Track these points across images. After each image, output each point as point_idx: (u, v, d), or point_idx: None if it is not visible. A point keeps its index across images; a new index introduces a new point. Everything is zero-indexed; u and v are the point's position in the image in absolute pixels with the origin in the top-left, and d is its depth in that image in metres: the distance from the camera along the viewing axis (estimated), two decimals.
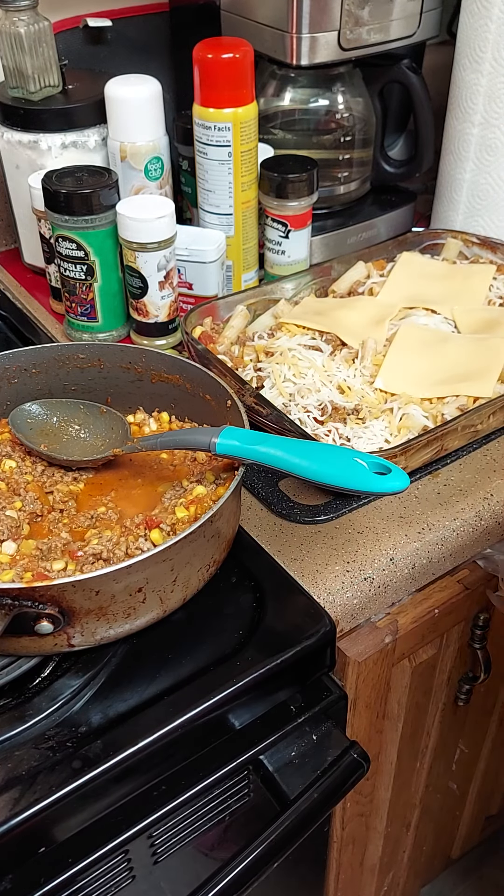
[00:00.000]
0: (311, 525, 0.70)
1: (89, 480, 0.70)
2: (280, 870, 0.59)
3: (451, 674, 0.87)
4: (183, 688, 0.57)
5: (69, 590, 0.52)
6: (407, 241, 0.97)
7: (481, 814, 1.23)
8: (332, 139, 0.99)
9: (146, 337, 0.87)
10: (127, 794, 0.55)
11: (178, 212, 0.89)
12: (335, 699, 0.64)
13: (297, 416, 0.74)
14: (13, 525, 0.64)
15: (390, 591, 0.69)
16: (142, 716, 0.55)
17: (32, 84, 0.90)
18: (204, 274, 0.88)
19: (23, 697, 0.56)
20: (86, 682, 0.57)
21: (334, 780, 0.60)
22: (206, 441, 0.63)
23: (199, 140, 0.87)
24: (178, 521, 0.63)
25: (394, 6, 0.89)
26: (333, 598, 0.65)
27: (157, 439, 0.67)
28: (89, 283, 0.84)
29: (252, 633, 0.60)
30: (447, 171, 0.99)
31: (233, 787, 0.61)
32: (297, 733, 0.62)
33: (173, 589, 0.58)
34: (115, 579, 0.54)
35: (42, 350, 0.74)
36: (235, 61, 0.82)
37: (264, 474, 0.73)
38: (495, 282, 0.91)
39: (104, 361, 0.75)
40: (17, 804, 0.50)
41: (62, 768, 0.52)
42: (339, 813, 0.86)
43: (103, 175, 0.82)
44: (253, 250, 0.94)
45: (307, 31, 0.85)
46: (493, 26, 0.87)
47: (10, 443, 0.72)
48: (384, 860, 1.04)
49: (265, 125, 0.97)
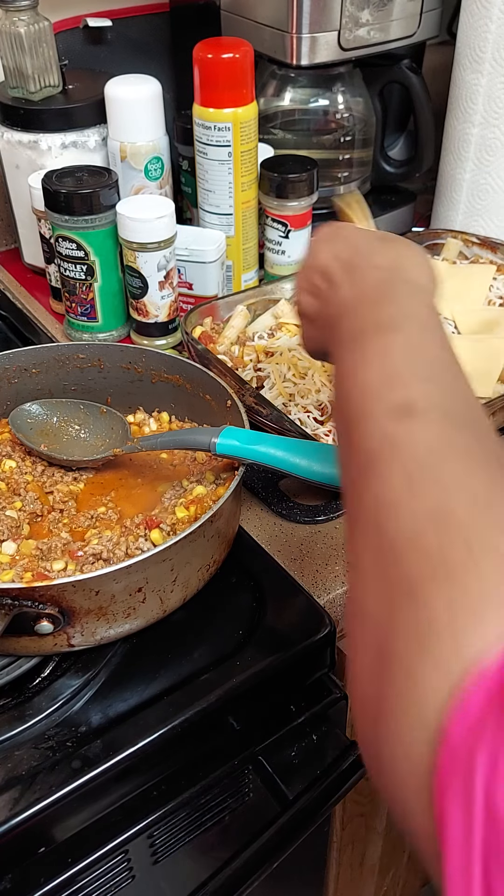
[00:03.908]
0: (311, 525, 0.70)
1: (89, 480, 0.70)
2: (280, 870, 0.59)
3: None
4: (183, 688, 0.57)
5: (69, 590, 0.52)
6: None
7: None
8: (332, 139, 0.99)
9: (146, 337, 0.87)
10: (127, 794, 0.55)
11: (178, 212, 0.89)
12: (335, 699, 0.63)
13: (297, 416, 0.74)
14: (13, 525, 0.64)
15: None
16: (142, 716, 0.55)
17: (32, 84, 0.90)
18: (204, 274, 0.88)
19: (23, 697, 0.56)
20: (86, 682, 0.57)
21: (334, 780, 0.60)
22: (206, 441, 0.63)
23: (199, 140, 0.87)
24: (178, 521, 0.63)
25: (394, 6, 0.89)
26: (333, 598, 0.65)
27: (157, 439, 0.67)
28: (89, 283, 0.84)
29: (252, 633, 0.60)
30: (447, 171, 0.98)
31: (233, 787, 0.61)
32: (298, 733, 0.62)
33: (173, 589, 0.58)
34: (115, 579, 0.54)
35: (42, 350, 0.74)
36: (235, 61, 0.82)
37: (264, 474, 0.73)
38: (495, 282, 0.91)
39: (104, 361, 0.75)
40: (17, 804, 0.50)
41: (62, 768, 0.52)
42: (339, 813, 0.86)
43: (103, 175, 0.82)
44: (253, 250, 0.94)
45: (307, 31, 0.85)
46: (493, 26, 0.87)
47: (10, 443, 0.72)
48: (384, 860, 1.03)
49: (265, 125, 0.97)
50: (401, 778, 0.29)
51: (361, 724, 0.33)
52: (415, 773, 0.28)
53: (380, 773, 0.31)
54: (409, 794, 0.29)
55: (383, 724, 0.30)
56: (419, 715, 0.29)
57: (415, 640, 0.30)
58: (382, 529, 0.34)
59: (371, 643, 0.33)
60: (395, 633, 0.31)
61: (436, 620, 0.29)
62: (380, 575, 0.33)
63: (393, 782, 0.30)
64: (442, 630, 0.29)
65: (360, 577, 0.35)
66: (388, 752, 0.30)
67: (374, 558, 0.34)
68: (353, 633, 0.35)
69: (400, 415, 0.38)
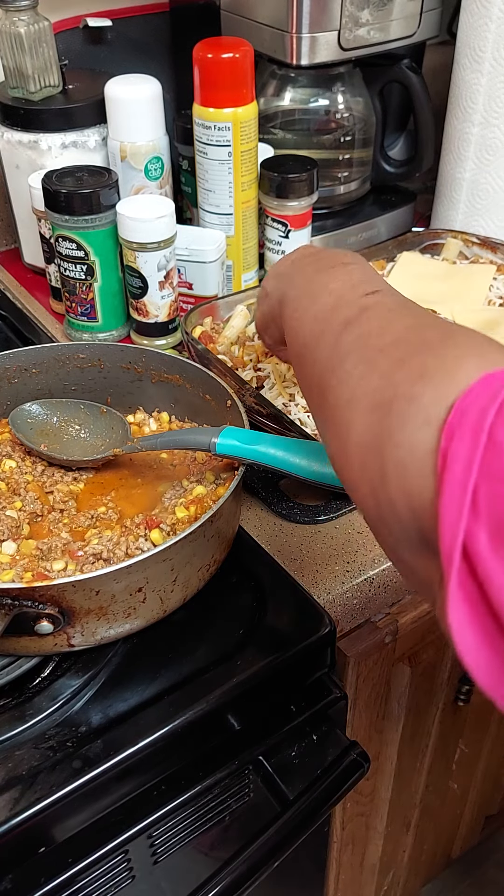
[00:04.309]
0: (311, 525, 0.70)
1: (89, 480, 0.70)
2: (280, 870, 0.59)
3: (451, 673, 0.87)
4: (183, 688, 0.57)
5: (69, 590, 0.52)
6: (407, 241, 0.97)
7: (481, 814, 1.23)
8: (332, 139, 0.99)
9: (146, 337, 0.87)
10: (127, 794, 0.55)
11: (178, 212, 0.89)
12: (335, 699, 0.64)
13: (297, 416, 0.74)
14: (13, 525, 0.64)
15: (390, 591, 0.69)
16: (142, 716, 0.55)
17: (32, 84, 0.90)
18: (204, 274, 0.88)
19: (23, 697, 0.56)
20: (86, 682, 0.57)
21: (334, 780, 0.60)
22: (206, 441, 0.63)
23: (199, 140, 0.87)
24: (178, 521, 0.63)
25: (394, 6, 0.89)
26: (333, 598, 0.65)
27: (157, 439, 0.67)
28: (89, 283, 0.84)
29: (252, 633, 0.60)
30: (447, 170, 0.98)
31: (233, 787, 0.61)
32: (298, 733, 0.62)
33: (173, 589, 0.58)
34: (115, 579, 0.54)
35: (42, 350, 0.74)
36: (235, 61, 0.82)
37: (264, 474, 0.73)
38: (495, 282, 0.91)
39: (104, 361, 0.75)
40: (17, 804, 0.50)
41: (62, 768, 0.52)
42: (339, 813, 0.86)
43: (103, 175, 0.82)
44: (253, 250, 0.94)
45: (307, 30, 0.85)
46: (493, 26, 0.87)
47: (10, 443, 0.72)
48: (384, 860, 1.04)
49: (265, 125, 0.97)
50: (406, 468, 0.36)
51: (358, 466, 0.40)
52: (420, 450, 0.35)
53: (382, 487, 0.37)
54: (415, 480, 0.35)
55: (387, 442, 0.37)
56: (425, 417, 0.35)
57: (415, 379, 0.37)
58: (369, 346, 0.42)
59: (364, 408, 0.40)
60: (394, 385, 0.38)
61: (429, 366, 0.37)
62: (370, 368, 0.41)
63: (400, 481, 0.36)
64: (434, 371, 0.37)
65: (348, 376, 0.42)
66: (394, 458, 0.37)
67: (364, 362, 0.42)
68: (337, 413, 0.42)
69: (363, 298, 0.47)
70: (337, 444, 0.43)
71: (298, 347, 0.51)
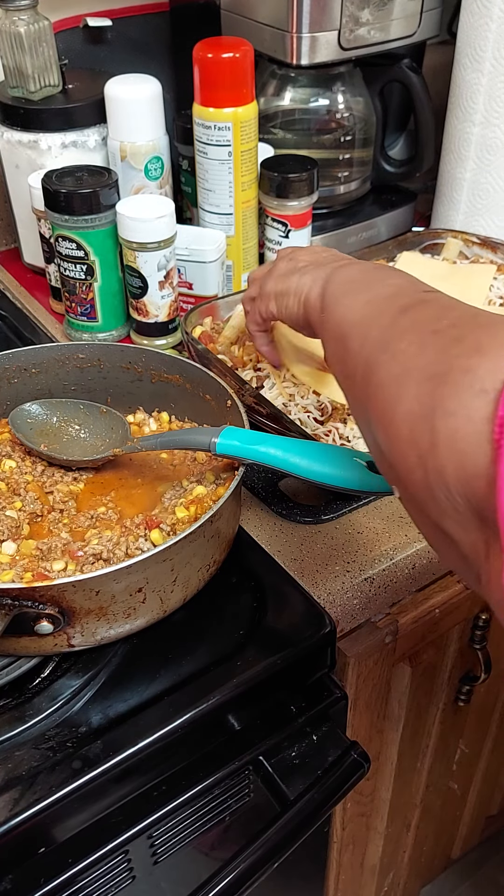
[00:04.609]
0: (311, 525, 0.70)
1: (89, 480, 0.70)
2: (280, 870, 0.59)
3: (451, 674, 0.87)
4: (183, 688, 0.57)
5: (69, 590, 0.52)
6: (407, 240, 0.97)
7: (481, 814, 1.23)
8: (332, 139, 0.99)
9: (146, 337, 0.87)
10: (127, 795, 0.55)
11: (178, 211, 0.89)
12: (335, 699, 0.64)
13: (297, 416, 0.74)
14: (13, 525, 0.64)
15: (390, 591, 0.69)
16: (142, 716, 0.55)
17: (32, 84, 0.90)
18: (204, 274, 0.88)
19: (23, 697, 0.56)
20: (86, 682, 0.57)
21: (334, 780, 0.60)
22: (206, 441, 0.63)
23: (199, 140, 0.87)
24: (178, 521, 0.63)
25: (394, 6, 0.89)
26: (333, 598, 0.65)
27: (157, 439, 0.67)
28: (89, 283, 0.84)
29: (252, 633, 0.60)
30: (447, 170, 0.98)
31: (233, 788, 0.61)
32: (298, 733, 0.62)
33: (173, 589, 0.58)
34: (115, 579, 0.53)
35: (42, 350, 0.74)
36: (235, 61, 0.82)
37: (264, 474, 0.73)
38: (495, 282, 0.90)
39: (104, 361, 0.75)
40: (17, 804, 0.50)
41: (62, 768, 0.52)
42: (340, 813, 0.86)
43: (103, 175, 0.82)
44: (253, 250, 0.94)
45: (307, 30, 0.85)
46: (493, 26, 0.87)
47: (10, 443, 0.72)
48: (384, 860, 1.04)
49: (265, 125, 0.97)
50: (459, 435, 0.36)
51: (406, 435, 0.40)
52: (476, 418, 0.35)
53: (432, 455, 0.38)
54: (468, 447, 0.36)
55: (439, 410, 0.38)
56: (482, 386, 0.36)
57: (472, 353, 0.38)
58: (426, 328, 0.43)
59: (416, 380, 0.40)
60: (450, 359, 0.39)
61: (484, 342, 0.38)
62: (425, 345, 0.42)
63: (451, 449, 0.37)
64: (490, 346, 0.38)
65: (402, 353, 0.43)
66: (446, 426, 0.37)
67: (420, 341, 0.43)
68: (384, 389, 0.43)
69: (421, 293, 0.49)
70: (381, 419, 0.43)
71: (346, 327, 0.51)
